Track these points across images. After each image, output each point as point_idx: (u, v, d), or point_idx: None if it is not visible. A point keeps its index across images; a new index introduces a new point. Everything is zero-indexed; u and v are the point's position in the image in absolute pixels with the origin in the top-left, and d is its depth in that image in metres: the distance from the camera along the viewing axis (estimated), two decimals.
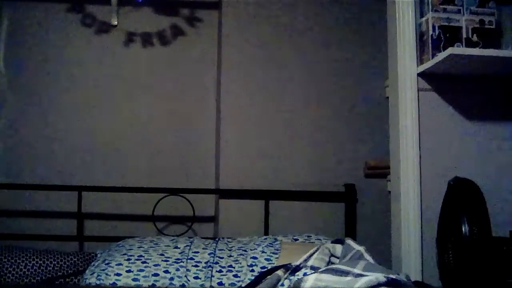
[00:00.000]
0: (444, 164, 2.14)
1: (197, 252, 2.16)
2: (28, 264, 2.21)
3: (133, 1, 2.78)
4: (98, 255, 2.30)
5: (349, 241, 2.00)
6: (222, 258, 2.14)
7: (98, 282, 2.00)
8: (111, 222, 2.69)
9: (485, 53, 1.99)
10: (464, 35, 2.08)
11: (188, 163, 2.78)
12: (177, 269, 2.06)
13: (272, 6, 2.77)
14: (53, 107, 2.74)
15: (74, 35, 2.78)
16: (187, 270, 2.06)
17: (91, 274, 2.07)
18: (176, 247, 2.19)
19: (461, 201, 1.87)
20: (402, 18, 2.19)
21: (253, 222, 2.61)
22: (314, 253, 1.92)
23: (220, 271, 2.07)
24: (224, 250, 2.20)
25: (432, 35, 2.09)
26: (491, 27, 2.10)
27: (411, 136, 2.14)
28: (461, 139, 2.17)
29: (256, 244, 2.23)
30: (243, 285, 1.95)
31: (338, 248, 1.98)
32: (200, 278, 2.04)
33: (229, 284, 2.02)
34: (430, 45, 2.09)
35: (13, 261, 2.20)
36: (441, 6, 2.10)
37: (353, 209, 2.66)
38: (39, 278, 2.19)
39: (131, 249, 2.17)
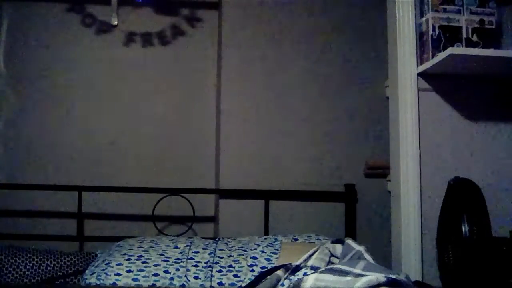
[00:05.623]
0: (444, 164, 2.14)
1: (197, 252, 2.16)
2: (28, 264, 2.21)
3: (133, 1, 2.78)
4: (98, 255, 2.30)
5: (349, 241, 1.99)
6: (222, 258, 2.14)
7: (98, 282, 2.00)
8: (111, 222, 2.69)
9: (485, 53, 1.99)
10: (464, 35, 2.08)
11: (188, 163, 2.78)
12: (177, 269, 2.06)
13: (272, 6, 2.77)
14: (53, 107, 2.74)
15: (74, 35, 2.79)
16: (187, 270, 2.06)
17: (91, 274, 2.07)
18: (176, 247, 2.19)
19: (461, 201, 1.88)
20: (402, 18, 2.19)
21: (253, 222, 2.61)
22: (314, 253, 1.92)
23: (220, 271, 2.07)
24: (224, 250, 2.20)
25: (432, 35, 2.09)
26: (491, 27, 2.10)
27: (411, 136, 2.14)
28: (461, 139, 2.17)
29: (256, 244, 2.23)
30: (243, 285, 1.95)
31: (338, 248, 1.98)
32: (200, 278, 2.04)
33: (229, 284, 2.02)
34: (430, 45, 2.09)
35: (13, 261, 2.20)
36: (441, 6, 2.10)
37: (353, 209, 2.66)
38: (39, 278, 2.19)
39: (131, 249, 2.17)
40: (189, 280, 2.02)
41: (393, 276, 1.53)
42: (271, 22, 2.77)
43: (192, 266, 2.09)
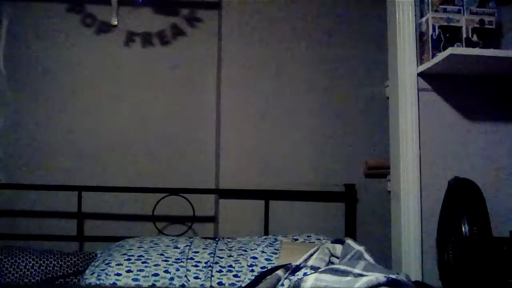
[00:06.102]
0: (444, 164, 2.14)
1: (197, 252, 2.16)
2: (28, 264, 2.21)
3: (133, 1, 2.78)
4: (98, 255, 2.30)
5: (349, 241, 2.00)
6: (222, 258, 2.14)
7: (98, 282, 2.00)
8: (111, 222, 2.68)
9: (485, 53, 1.99)
10: (464, 35, 2.08)
11: (188, 163, 2.77)
12: (177, 269, 2.06)
13: (272, 6, 2.78)
14: (53, 107, 2.74)
15: (74, 35, 2.78)
16: (187, 270, 2.06)
17: (91, 274, 2.07)
18: (176, 247, 2.19)
19: (461, 201, 1.88)
20: (402, 18, 2.19)
21: (253, 222, 2.61)
22: (314, 253, 1.92)
23: (220, 271, 2.07)
24: (224, 250, 2.20)
25: (432, 35, 2.09)
26: (491, 27, 2.10)
27: (411, 136, 2.14)
28: (461, 139, 2.17)
29: (256, 244, 2.23)
30: (243, 285, 1.95)
31: (338, 248, 1.98)
32: (200, 278, 2.04)
33: (229, 284, 2.02)
34: (430, 45, 2.09)
35: (13, 261, 2.20)
36: (441, 6, 2.11)
37: (353, 209, 2.66)
38: (39, 278, 2.19)
39: (131, 249, 2.17)
40: (189, 280, 2.02)
41: (393, 276, 1.54)
42: (271, 22, 2.77)
43: (192, 266, 2.09)
